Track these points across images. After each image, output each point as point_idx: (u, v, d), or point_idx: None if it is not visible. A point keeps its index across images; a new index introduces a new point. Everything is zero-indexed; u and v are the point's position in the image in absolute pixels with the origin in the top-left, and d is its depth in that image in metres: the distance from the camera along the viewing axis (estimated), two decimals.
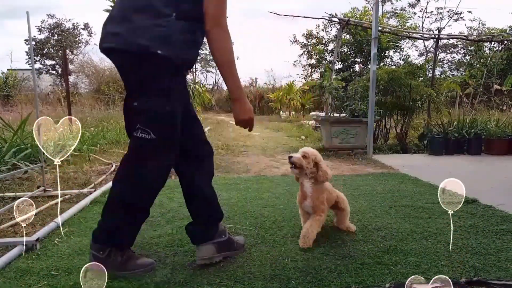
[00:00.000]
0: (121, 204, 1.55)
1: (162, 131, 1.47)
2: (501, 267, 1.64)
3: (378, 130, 6.11)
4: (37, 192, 2.91)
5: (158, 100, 1.44)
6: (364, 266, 1.65)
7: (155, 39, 1.37)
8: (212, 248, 1.68)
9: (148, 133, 1.44)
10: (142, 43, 1.37)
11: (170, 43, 1.38)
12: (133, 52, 1.39)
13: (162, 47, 1.37)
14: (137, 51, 1.38)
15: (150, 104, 1.44)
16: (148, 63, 1.40)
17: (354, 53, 17.31)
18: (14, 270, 1.63)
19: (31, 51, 2.82)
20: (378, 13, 5.41)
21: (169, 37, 1.38)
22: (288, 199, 2.78)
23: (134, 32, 1.38)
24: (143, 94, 1.45)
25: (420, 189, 3.09)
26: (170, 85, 1.45)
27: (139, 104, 1.46)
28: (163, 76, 1.43)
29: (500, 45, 11.88)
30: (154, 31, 1.37)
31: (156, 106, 1.44)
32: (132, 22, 1.39)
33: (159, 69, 1.41)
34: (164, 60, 1.39)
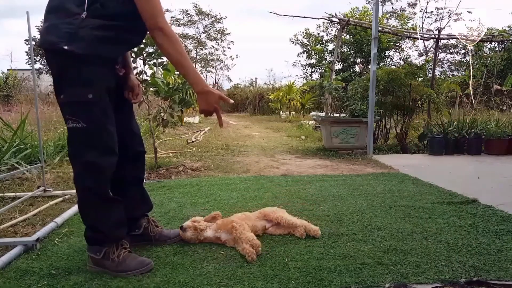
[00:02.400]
0: (86, 197, 1.62)
1: (91, 118, 1.53)
2: (501, 267, 1.64)
3: (378, 130, 6.11)
4: (37, 192, 2.91)
5: (80, 89, 1.51)
6: (364, 266, 1.65)
7: (63, 36, 1.46)
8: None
9: (77, 122, 1.52)
10: (52, 40, 1.48)
11: (77, 39, 1.46)
12: (47, 48, 1.53)
13: (69, 43, 1.46)
14: (49, 47, 1.52)
15: (73, 94, 1.52)
16: (60, 57, 1.50)
17: (354, 53, 17.31)
18: (14, 270, 1.64)
19: (31, 51, 2.82)
20: (378, 13, 5.41)
21: (76, 34, 1.46)
22: (288, 199, 2.78)
23: (47, 30, 1.51)
24: (65, 86, 1.54)
25: (420, 189, 3.09)
26: (90, 76, 1.52)
27: (64, 96, 1.54)
28: (78, 68, 1.50)
29: (500, 45, 11.88)
30: (62, 28, 1.47)
31: (79, 96, 1.52)
32: (47, 21, 1.53)
33: (72, 62, 1.49)
34: (73, 54, 1.46)
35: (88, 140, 1.55)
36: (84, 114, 1.52)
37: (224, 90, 24.90)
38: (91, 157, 1.55)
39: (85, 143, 1.56)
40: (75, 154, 1.59)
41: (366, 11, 17.72)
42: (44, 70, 20.85)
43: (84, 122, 1.52)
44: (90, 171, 1.57)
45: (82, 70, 1.51)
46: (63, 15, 1.49)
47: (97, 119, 1.55)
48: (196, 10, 23.27)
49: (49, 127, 6.89)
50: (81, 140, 1.56)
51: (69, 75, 1.52)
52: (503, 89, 12.55)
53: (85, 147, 1.56)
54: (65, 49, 1.45)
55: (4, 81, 15.35)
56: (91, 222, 1.64)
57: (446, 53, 19.99)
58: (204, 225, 1.97)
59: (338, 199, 2.77)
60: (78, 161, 1.59)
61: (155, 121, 4.09)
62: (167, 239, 1.95)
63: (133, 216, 1.86)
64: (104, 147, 1.58)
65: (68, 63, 1.50)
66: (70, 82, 1.52)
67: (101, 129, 1.57)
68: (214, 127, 10.15)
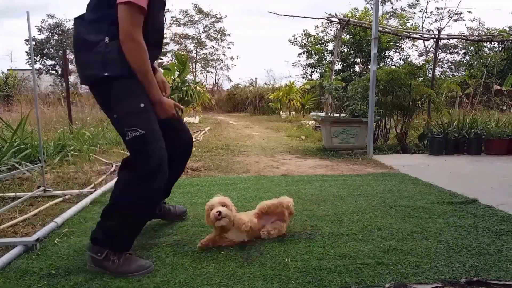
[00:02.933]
0: (124, 208, 1.64)
1: (147, 125, 1.62)
2: (501, 267, 1.64)
3: (378, 130, 6.11)
4: (37, 192, 2.91)
5: (131, 101, 1.63)
6: (364, 266, 1.65)
7: (97, 67, 1.60)
8: None
9: (136, 131, 1.59)
10: (91, 74, 1.64)
11: (109, 64, 1.60)
12: (90, 84, 1.69)
13: (104, 70, 1.59)
14: (91, 82, 1.68)
15: (126, 107, 1.62)
16: (103, 85, 1.63)
17: (354, 53, 17.31)
18: (14, 270, 1.64)
19: (31, 51, 2.82)
20: (378, 13, 5.41)
21: (106, 60, 1.60)
22: None
23: (83, 68, 1.67)
24: (115, 104, 1.64)
25: (420, 189, 3.09)
26: (135, 88, 1.64)
27: (117, 113, 1.65)
28: (123, 85, 1.62)
29: (500, 45, 11.88)
30: (92, 60, 1.61)
31: (132, 107, 1.62)
32: (79, 60, 1.69)
33: (116, 83, 1.62)
34: (113, 77, 1.60)
35: (148, 144, 1.61)
36: (140, 122, 1.61)
37: (224, 90, 24.91)
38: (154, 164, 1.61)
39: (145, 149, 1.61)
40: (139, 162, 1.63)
41: (367, 11, 17.72)
42: (44, 70, 20.85)
43: (142, 129, 1.60)
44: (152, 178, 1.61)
45: (127, 86, 1.63)
46: (89, 48, 1.62)
47: (152, 125, 1.65)
48: (196, 10, 23.27)
49: (49, 127, 6.89)
50: (141, 145, 1.61)
51: (117, 93, 1.63)
52: (503, 89, 12.55)
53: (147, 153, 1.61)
54: (105, 75, 1.60)
55: (4, 81, 15.35)
56: (111, 231, 1.64)
57: (446, 53, 19.99)
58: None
59: (338, 199, 2.77)
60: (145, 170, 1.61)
61: None
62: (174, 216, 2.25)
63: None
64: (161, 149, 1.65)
65: (112, 85, 1.62)
66: (119, 98, 1.63)
67: (158, 133, 1.67)
68: (214, 127, 10.16)
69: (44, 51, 20.65)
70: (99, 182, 3.43)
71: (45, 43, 20.75)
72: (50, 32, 21.13)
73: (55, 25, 21.13)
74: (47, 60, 21.15)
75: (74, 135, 5.58)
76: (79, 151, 4.91)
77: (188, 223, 2.24)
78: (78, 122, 7.29)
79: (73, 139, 5.26)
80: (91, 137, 5.77)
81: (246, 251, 1.82)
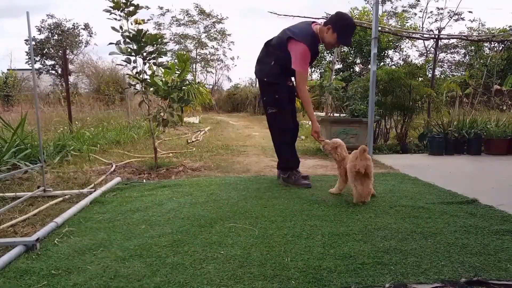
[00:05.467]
0: (281, 143, 3.35)
1: (278, 106, 3.21)
2: (501, 267, 1.64)
3: (378, 130, 6.11)
4: (37, 192, 2.91)
5: (272, 94, 3.22)
6: (364, 266, 1.65)
7: (264, 74, 3.24)
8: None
9: (272, 109, 3.23)
10: (261, 76, 3.27)
11: (270, 75, 3.20)
12: (259, 79, 3.34)
13: (267, 77, 3.22)
14: (260, 79, 3.31)
15: (270, 96, 3.24)
16: (264, 83, 3.27)
17: (354, 53, 17.31)
18: (14, 270, 1.64)
19: (31, 51, 2.82)
20: (378, 13, 5.41)
21: (269, 72, 3.20)
22: (288, 199, 2.78)
23: (260, 71, 3.29)
24: (265, 94, 3.28)
25: (420, 189, 3.09)
26: (276, 88, 3.20)
27: (266, 98, 3.27)
28: (271, 86, 3.22)
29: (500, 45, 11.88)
30: (264, 70, 3.24)
31: (272, 96, 3.22)
32: (258, 65, 3.32)
33: (269, 84, 3.22)
34: (269, 82, 3.22)
35: (278, 116, 3.23)
36: (275, 105, 3.21)
37: (224, 90, 24.89)
38: (281, 126, 3.27)
39: (277, 120, 3.26)
40: (273, 125, 3.32)
41: (366, 11, 17.71)
42: (44, 70, 20.87)
43: (276, 109, 3.21)
44: (283, 133, 3.30)
45: (274, 87, 3.20)
46: (264, 63, 3.26)
47: (281, 106, 3.21)
48: (198, 10, 23.25)
49: (49, 127, 6.89)
50: (275, 116, 3.24)
51: (268, 90, 3.24)
52: (503, 89, 12.55)
53: (278, 121, 3.26)
54: (265, 80, 3.23)
55: (4, 81, 15.34)
56: (286, 159, 3.33)
57: (446, 53, 20.00)
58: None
59: (338, 199, 2.77)
60: (276, 128, 3.33)
61: (155, 121, 4.09)
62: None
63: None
64: (287, 120, 3.26)
65: (266, 84, 3.24)
66: (268, 92, 3.24)
67: (284, 112, 3.24)
68: (214, 127, 10.15)
69: (44, 51, 20.66)
70: (99, 182, 3.43)
71: (45, 43, 20.75)
72: (50, 32, 21.13)
73: (55, 25, 21.13)
74: (47, 60, 21.16)
75: (74, 135, 5.58)
76: (79, 151, 4.91)
77: (188, 223, 2.24)
78: (78, 122, 7.29)
79: (73, 139, 5.26)
80: (91, 137, 5.77)
81: (246, 250, 1.83)
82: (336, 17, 3.14)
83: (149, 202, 2.72)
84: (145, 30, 3.71)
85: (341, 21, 3.11)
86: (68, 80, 7.64)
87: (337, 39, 3.10)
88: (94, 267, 1.66)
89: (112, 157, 4.85)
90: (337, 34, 3.08)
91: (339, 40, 3.12)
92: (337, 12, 3.18)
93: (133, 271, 1.62)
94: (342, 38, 3.12)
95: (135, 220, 2.31)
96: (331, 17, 3.20)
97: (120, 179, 3.52)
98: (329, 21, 3.14)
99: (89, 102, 12.12)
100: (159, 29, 23.62)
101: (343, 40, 3.15)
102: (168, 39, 22.35)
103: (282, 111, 3.20)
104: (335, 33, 3.08)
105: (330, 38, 3.10)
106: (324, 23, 3.17)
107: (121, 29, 3.72)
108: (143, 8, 3.85)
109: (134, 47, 3.77)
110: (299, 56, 3.05)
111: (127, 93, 10.40)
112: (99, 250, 1.84)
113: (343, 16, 3.15)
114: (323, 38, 3.13)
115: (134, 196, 2.93)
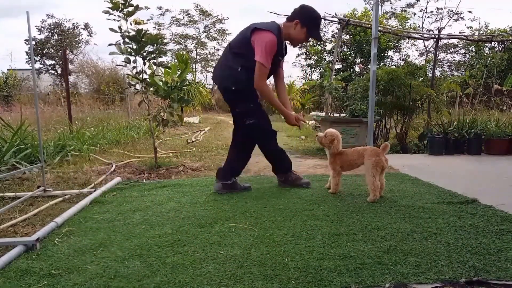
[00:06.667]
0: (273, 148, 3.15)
1: (256, 115, 2.93)
2: (501, 267, 1.64)
3: (378, 130, 6.11)
4: (37, 192, 2.91)
5: (245, 103, 2.92)
6: (364, 266, 1.65)
7: (231, 83, 2.88)
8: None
9: (251, 119, 2.91)
10: (227, 85, 2.92)
11: (238, 82, 2.84)
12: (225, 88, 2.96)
13: (234, 85, 2.87)
14: (226, 88, 2.94)
15: (243, 106, 2.93)
16: (232, 92, 2.91)
17: (354, 53, 17.32)
18: (14, 270, 1.64)
19: (31, 51, 2.82)
20: (378, 13, 5.41)
21: (237, 80, 2.85)
22: (288, 199, 2.78)
23: (223, 79, 2.94)
24: (238, 104, 2.95)
25: (420, 189, 3.09)
26: (248, 95, 2.89)
27: (239, 109, 2.96)
28: (242, 94, 2.88)
29: (500, 45, 11.88)
30: (230, 78, 2.88)
31: (247, 107, 2.92)
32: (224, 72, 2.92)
33: (239, 93, 2.89)
34: (239, 90, 2.87)
35: (258, 127, 2.96)
36: (254, 115, 2.92)
37: None
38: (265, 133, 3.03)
39: (257, 130, 2.98)
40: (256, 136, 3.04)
41: (366, 11, 17.72)
42: (44, 70, 20.86)
43: (255, 119, 2.92)
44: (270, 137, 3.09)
45: (245, 95, 2.88)
46: (229, 70, 2.87)
47: (260, 116, 2.96)
48: (198, 10, 23.24)
49: (49, 127, 6.89)
50: (255, 128, 2.95)
51: (239, 99, 2.92)
52: (503, 89, 12.56)
53: (259, 131, 3.00)
54: (233, 89, 2.88)
55: (4, 81, 15.34)
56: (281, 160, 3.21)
57: (446, 53, 20.00)
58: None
59: (338, 199, 2.77)
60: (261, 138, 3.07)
61: (155, 121, 4.09)
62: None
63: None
64: (268, 125, 3.05)
65: (237, 93, 2.89)
66: (240, 102, 2.93)
67: (264, 122, 2.99)
68: (214, 127, 10.15)
69: (44, 51, 20.65)
70: (99, 182, 3.43)
71: (45, 43, 20.74)
72: (50, 32, 21.13)
73: (55, 25, 21.13)
74: (47, 60, 21.15)
75: (74, 135, 5.58)
76: (79, 151, 4.91)
77: (188, 223, 2.24)
78: (78, 122, 7.29)
79: (73, 139, 5.26)
80: (91, 137, 5.77)
81: (246, 250, 1.83)
82: (302, 10, 2.87)
83: (149, 202, 2.72)
84: (145, 30, 3.71)
85: (309, 13, 2.87)
86: (68, 80, 7.64)
87: (308, 33, 2.87)
88: (94, 267, 1.66)
89: (112, 157, 4.85)
90: (306, 28, 2.85)
91: (310, 34, 2.89)
92: (301, 5, 2.91)
93: (133, 271, 1.62)
94: (312, 32, 2.88)
95: (135, 220, 2.31)
96: (295, 11, 2.89)
97: (120, 179, 3.52)
98: (294, 15, 2.87)
99: (89, 102, 12.13)
100: (159, 29, 23.62)
101: (314, 34, 2.90)
102: (168, 39, 22.35)
103: (261, 119, 2.96)
104: (305, 28, 2.84)
105: (300, 33, 2.86)
106: (287, 19, 2.90)
107: (120, 29, 3.72)
108: (142, 9, 3.85)
109: (134, 47, 3.77)
110: (264, 46, 2.68)
111: (127, 93, 10.40)
112: (99, 250, 1.84)
113: (309, 9, 2.88)
114: (290, 35, 2.87)
115: (134, 196, 2.93)
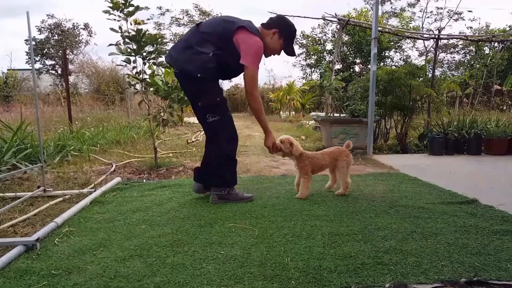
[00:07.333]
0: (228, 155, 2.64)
1: (221, 112, 2.54)
2: (501, 267, 1.64)
3: (378, 130, 6.11)
4: (37, 192, 2.91)
5: (210, 96, 2.51)
6: (364, 266, 1.65)
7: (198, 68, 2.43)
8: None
9: (214, 116, 2.51)
10: (190, 69, 2.45)
11: (206, 70, 2.43)
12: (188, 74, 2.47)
13: (201, 72, 2.43)
14: (190, 74, 2.46)
15: (208, 100, 2.51)
16: (196, 81, 2.45)
17: (354, 53, 17.32)
18: (14, 270, 1.63)
19: (31, 51, 2.82)
20: (378, 13, 5.41)
21: (205, 66, 2.42)
22: (288, 199, 2.78)
23: (185, 62, 2.46)
24: (201, 97, 2.52)
25: (420, 189, 3.09)
26: (214, 88, 2.54)
27: (202, 102, 2.52)
28: (208, 85, 2.49)
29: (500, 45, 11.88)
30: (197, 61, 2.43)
31: (213, 100, 2.52)
32: (184, 55, 2.47)
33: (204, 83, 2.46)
34: (204, 79, 2.44)
35: (223, 126, 2.56)
36: (216, 111, 2.52)
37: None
38: (229, 134, 2.59)
39: (220, 128, 2.56)
40: (219, 133, 2.57)
41: (366, 11, 17.72)
42: (44, 70, 20.86)
43: (219, 115, 2.52)
44: (232, 141, 2.63)
45: (211, 87, 2.50)
46: (197, 54, 2.42)
47: (225, 112, 2.58)
48: (198, 10, 23.24)
49: (49, 127, 6.89)
50: (218, 126, 2.55)
51: (203, 90, 2.49)
52: (503, 89, 12.55)
53: (223, 129, 2.57)
54: (198, 76, 2.43)
55: (4, 81, 15.34)
56: (223, 173, 2.64)
57: (446, 53, 20.00)
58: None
59: (338, 199, 2.77)
60: (224, 137, 2.58)
61: (155, 121, 4.09)
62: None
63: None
64: (232, 126, 2.62)
65: (201, 83, 2.46)
66: (205, 94, 2.51)
67: (228, 117, 2.59)
68: None
69: (44, 51, 20.66)
70: (99, 182, 3.43)
71: (45, 43, 20.75)
72: (50, 32, 21.14)
73: (55, 25, 21.14)
74: (47, 60, 21.16)
75: (74, 135, 5.58)
76: (79, 151, 4.91)
77: (188, 223, 2.24)
78: (78, 122, 7.29)
79: (73, 139, 5.26)
80: (91, 137, 5.77)
81: (246, 250, 1.82)
82: (282, 22, 2.67)
83: (149, 202, 2.72)
84: (144, 30, 3.71)
85: (289, 27, 2.66)
86: (68, 80, 7.64)
87: (283, 46, 2.68)
88: (94, 267, 1.66)
89: (112, 157, 4.85)
90: (283, 40, 2.65)
91: (285, 47, 2.69)
92: (280, 15, 2.75)
93: (133, 271, 1.62)
94: (288, 46, 2.70)
95: (135, 220, 2.31)
96: (275, 20, 2.67)
97: (120, 179, 3.52)
98: (274, 24, 2.64)
99: (89, 102, 12.13)
100: (159, 29, 23.63)
101: (289, 48, 2.71)
102: (168, 39, 22.34)
103: (225, 117, 2.55)
104: (281, 39, 2.64)
105: (276, 44, 2.64)
106: (264, 26, 2.65)
107: (120, 29, 3.72)
108: (142, 9, 3.85)
109: (133, 47, 3.77)
110: (254, 50, 2.44)
111: (127, 93, 10.40)
112: (99, 250, 1.84)
113: (289, 22, 2.69)
114: (265, 43, 2.58)
115: (134, 196, 2.93)
